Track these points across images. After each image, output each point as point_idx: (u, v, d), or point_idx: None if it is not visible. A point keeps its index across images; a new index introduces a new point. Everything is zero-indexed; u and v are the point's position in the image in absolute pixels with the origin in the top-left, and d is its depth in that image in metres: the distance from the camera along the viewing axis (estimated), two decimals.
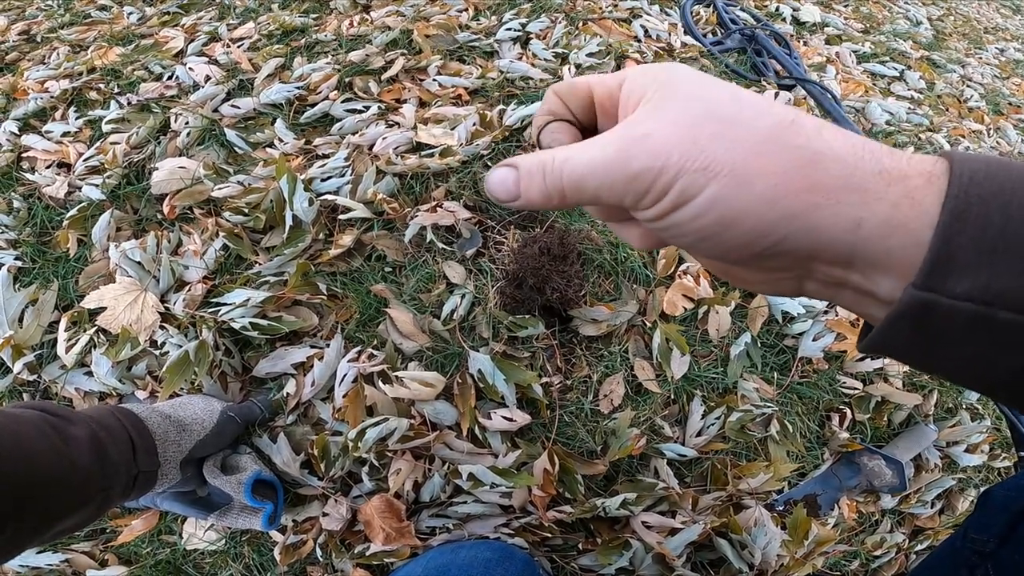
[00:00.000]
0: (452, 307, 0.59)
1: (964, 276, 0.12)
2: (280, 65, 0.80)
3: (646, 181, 0.14)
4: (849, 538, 0.59)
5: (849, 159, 0.13)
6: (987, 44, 1.57)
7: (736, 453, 0.59)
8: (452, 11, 0.92)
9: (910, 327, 0.13)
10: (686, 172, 0.14)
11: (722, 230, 0.14)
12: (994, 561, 0.33)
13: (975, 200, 0.12)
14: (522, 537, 0.51)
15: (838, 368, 0.64)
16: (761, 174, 0.13)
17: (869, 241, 0.13)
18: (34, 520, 0.34)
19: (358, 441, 0.50)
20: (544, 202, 0.16)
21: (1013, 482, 0.36)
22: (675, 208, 0.14)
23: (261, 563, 0.53)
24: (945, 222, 0.12)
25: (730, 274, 0.18)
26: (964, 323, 0.12)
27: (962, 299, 0.12)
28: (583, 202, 0.16)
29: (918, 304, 0.13)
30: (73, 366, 0.56)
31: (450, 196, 0.67)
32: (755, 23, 1.13)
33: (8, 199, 0.66)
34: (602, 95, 0.18)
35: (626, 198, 0.15)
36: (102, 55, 0.82)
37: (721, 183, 0.13)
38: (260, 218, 0.61)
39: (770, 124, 0.14)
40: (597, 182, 0.15)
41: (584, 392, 0.58)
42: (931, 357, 0.14)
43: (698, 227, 0.14)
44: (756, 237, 0.14)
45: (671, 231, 0.15)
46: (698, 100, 0.14)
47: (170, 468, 0.44)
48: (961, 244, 0.12)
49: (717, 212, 0.14)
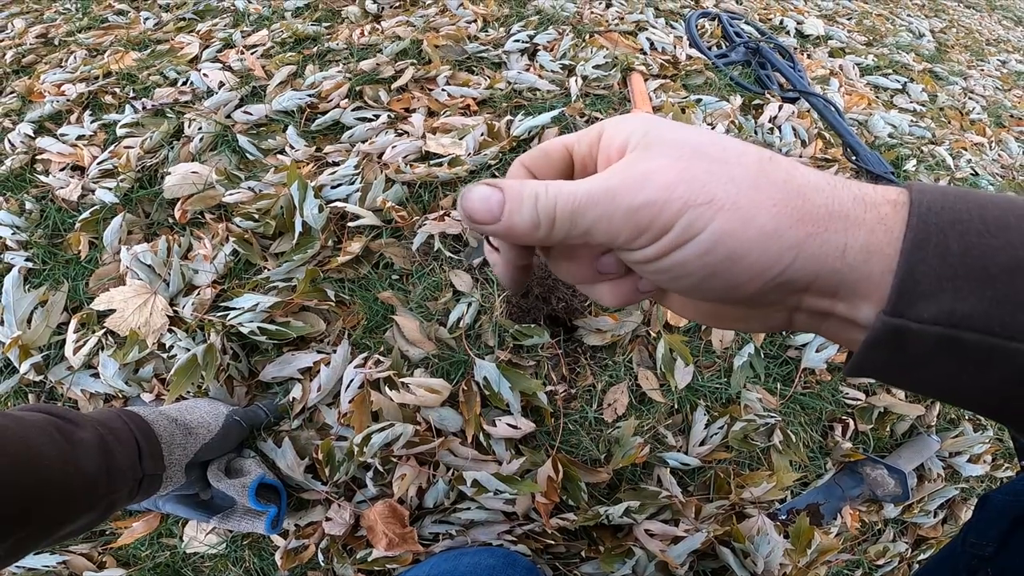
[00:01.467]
0: (458, 315, 0.60)
1: (930, 301, 0.13)
2: (292, 73, 0.82)
3: (648, 215, 0.14)
4: (852, 547, 0.59)
5: (826, 188, 0.14)
6: (989, 56, 1.59)
7: (739, 462, 0.59)
8: (461, 22, 0.94)
9: (885, 351, 0.14)
10: (692, 206, 0.14)
11: (731, 264, 0.14)
12: (993, 565, 0.33)
13: (934, 229, 0.13)
14: (525, 544, 0.51)
15: (840, 379, 0.65)
16: (761, 207, 0.14)
17: (852, 268, 0.14)
18: (39, 526, 0.33)
19: (364, 446, 0.51)
20: (528, 231, 0.15)
21: (1011, 487, 0.36)
22: (679, 245, 0.14)
23: (262, 568, 0.53)
24: (908, 250, 0.13)
25: (720, 316, 0.18)
26: (933, 346, 0.13)
27: (929, 323, 0.13)
28: (570, 237, 0.15)
29: (889, 330, 0.13)
30: (80, 368, 0.56)
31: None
32: (759, 36, 1.14)
33: (20, 201, 0.67)
34: (582, 151, 0.17)
35: (621, 235, 0.14)
36: (118, 59, 0.84)
37: (727, 217, 0.14)
38: (270, 224, 0.62)
39: (754, 160, 0.14)
40: (596, 213, 0.14)
41: (588, 401, 0.59)
42: (908, 378, 0.14)
43: (705, 263, 0.14)
44: (762, 270, 0.14)
45: (672, 272, 0.15)
46: (684, 143, 0.14)
47: (175, 471, 0.45)
48: (924, 272, 0.13)
49: (726, 247, 0.14)
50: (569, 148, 0.17)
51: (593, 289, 0.18)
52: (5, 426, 0.33)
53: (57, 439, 0.36)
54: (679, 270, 0.15)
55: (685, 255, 0.14)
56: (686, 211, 0.14)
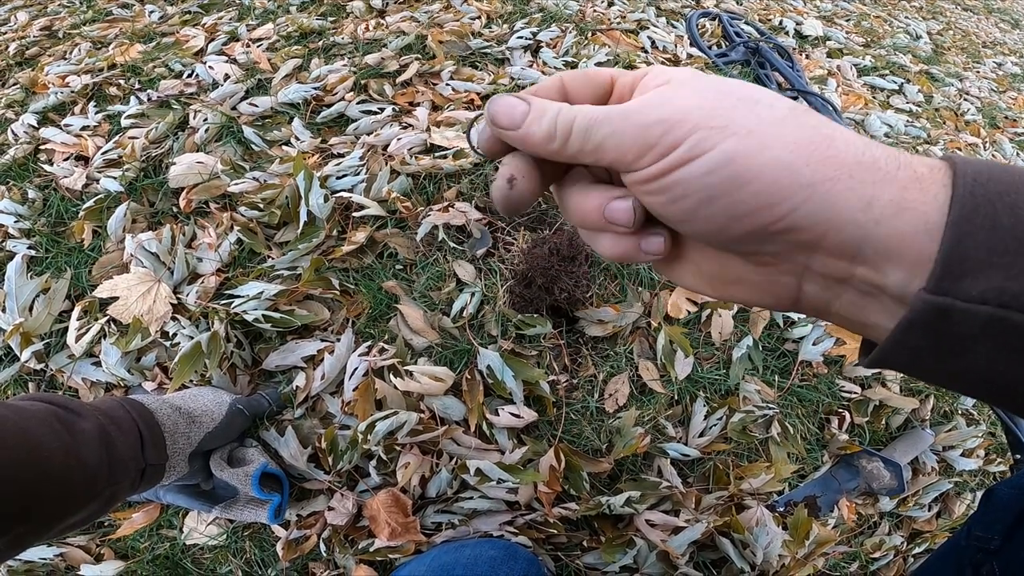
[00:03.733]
0: (462, 305, 0.60)
1: (978, 278, 0.12)
2: (298, 66, 0.82)
3: (657, 132, 0.14)
4: (848, 540, 0.60)
5: (859, 144, 0.13)
6: (985, 58, 1.60)
7: (738, 454, 0.59)
8: (465, 19, 0.95)
9: (922, 335, 0.12)
10: (702, 128, 0.13)
11: (734, 189, 0.13)
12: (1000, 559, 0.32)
13: (982, 200, 0.12)
14: (526, 535, 0.52)
15: (837, 372, 0.66)
16: (780, 140, 0.13)
17: (879, 223, 0.12)
18: (39, 520, 0.33)
19: (368, 434, 0.51)
20: (543, 141, 0.15)
21: (1017, 480, 0.36)
22: (683, 163, 0.14)
23: (263, 559, 0.53)
24: (954, 222, 0.12)
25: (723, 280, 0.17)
26: (979, 329, 0.12)
27: (977, 302, 0.12)
28: (583, 152, 0.15)
29: (932, 309, 0.12)
30: (81, 356, 0.56)
31: (462, 197, 0.68)
32: (759, 36, 1.16)
33: (23, 190, 0.67)
34: (625, 83, 0.17)
35: (630, 152, 0.14)
36: (123, 52, 0.84)
37: (738, 140, 0.13)
38: (275, 213, 0.63)
39: (787, 107, 0.14)
40: (608, 130, 0.14)
41: (590, 391, 0.59)
42: (943, 366, 0.13)
43: (706, 184, 0.13)
44: (767, 203, 0.13)
45: (671, 191, 0.14)
46: (718, 85, 0.14)
47: (178, 461, 0.44)
48: (972, 246, 0.12)
49: (733, 168, 0.13)
50: (614, 78, 0.17)
51: (596, 238, 0.17)
52: (5, 416, 0.32)
53: (58, 430, 0.35)
54: (678, 189, 0.14)
55: (688, 172, 0.14)
56: (696, 131, 0.13)
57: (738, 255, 0.16)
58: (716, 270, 0.17)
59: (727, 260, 0.16)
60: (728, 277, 0.17)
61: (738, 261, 0.16)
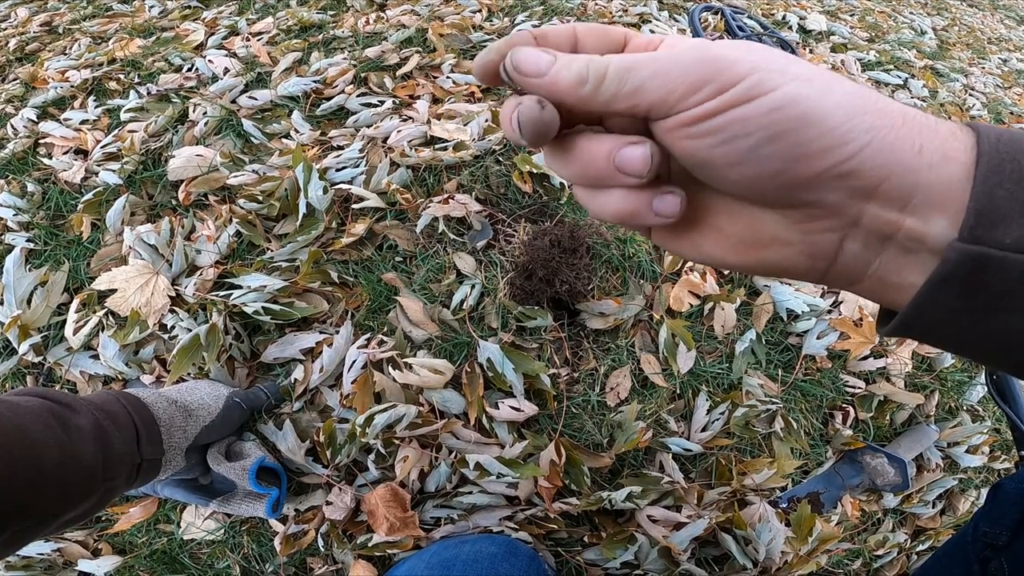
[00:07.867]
0: (462, 297, 0.60)
1: (1011, 226, 0.12)
2: (297, 59, 0.82)
3: (713, 69, 0.13)
4: (852, 537, 0.59)
5: (896, 102, 0.14)
6: (990, 54, 1.59)
7: (740, 449, 0.59)
8: (466, 12, 0.94)
9: (957, 289, 0.12)
10: (761, 69, 0.13)
11: (802, 127, 0.13)
12: (1008, 554, 0.32)
13: (1007, 156, 0.12)
14: (527, 531, 0.51)
15: (841, 367, 0.65)
16: (840, 87, 0.13)
17: (932, 169, 0.13)
18: (35, 518, 0.32)
19: (366, 427, 0.51)
20: (574, 84, 0.14)
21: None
22: (745, 100, 0.13)
23: (260, 554, 0.52)
24: (983, 174, 0.12)
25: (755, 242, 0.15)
26: (1016, 278, 0.12)
27: (1012, 250, 0.12)
28: (617, 97, 0.14)
29: (967, 259, 0.12)
30: (79, 348, 0.56)
31: (462, 189, 0.68)
32: (762, 31, 1.15)
33: (22, 183, 0.67)
34: (638, 46, 0.16)
35: (677, 89, 0.13)
36: (123, 46, 0.84)
37: (802, 83, 0.13)
38: (274, 206, 0.62)
39: (826, 70, 0.14)
40: (650, 71, 0.13)
41: (591, 385, 0.59)
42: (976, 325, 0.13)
43: (773, 120, 0.13)
44: (835, 143, 0.13)
45: (727, 131, 0.13)
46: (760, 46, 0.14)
47: (175, 455, 0.44)
48: (1003, 196, 0.12)
49: (800, 108, 0.13)
50: (628, 38, 0.17)
51: (599, 196, 0.15)
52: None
53: (53, 426, 0.35)
54: (736, 127, 0.13)
55: (750, 110, 0.13)
56: (756, 71, 0.13)
57: (778, 209, 0.15)
58: (744, 231, 0.15)
59: (760, 218, 0.15)
60: (759, 238, 0.15)
61: (774, 218, 0.15)
